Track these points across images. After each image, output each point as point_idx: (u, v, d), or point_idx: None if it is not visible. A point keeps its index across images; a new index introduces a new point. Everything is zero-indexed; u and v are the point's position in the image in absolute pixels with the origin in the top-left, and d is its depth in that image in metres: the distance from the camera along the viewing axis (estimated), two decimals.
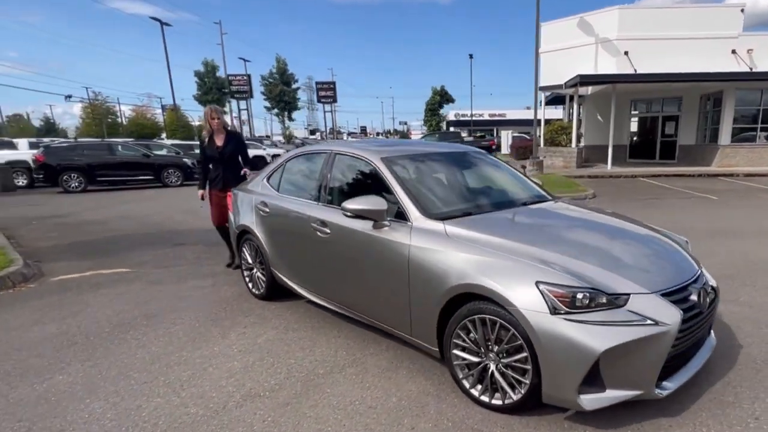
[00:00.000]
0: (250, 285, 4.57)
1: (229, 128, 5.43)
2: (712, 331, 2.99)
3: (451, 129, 50.55)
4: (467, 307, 2.56)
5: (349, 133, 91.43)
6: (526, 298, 2.33)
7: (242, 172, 5.30)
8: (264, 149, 25.54)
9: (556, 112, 33.17)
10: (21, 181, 16.70)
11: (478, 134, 40.11)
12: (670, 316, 2.35)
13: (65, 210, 10.94)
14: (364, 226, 3.13)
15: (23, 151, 18.53)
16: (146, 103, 63.64)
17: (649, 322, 2.31)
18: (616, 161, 19.07)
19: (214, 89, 48.22)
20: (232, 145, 5.23)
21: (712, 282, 2.90)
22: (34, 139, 24.35)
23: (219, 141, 5.20)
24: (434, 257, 2.72)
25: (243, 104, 47.68)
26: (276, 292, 4.32)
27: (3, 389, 2.94)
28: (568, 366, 2.25)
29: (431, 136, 26.79)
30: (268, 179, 4.42)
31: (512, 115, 58.81)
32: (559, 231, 3.03)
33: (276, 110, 52.78)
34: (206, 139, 5.22)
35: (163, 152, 19.31)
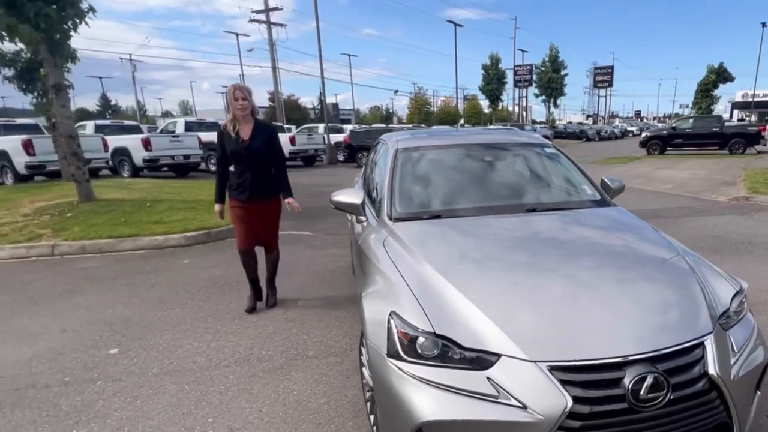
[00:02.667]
0: None
1: (259, 116, 3.72)
2: None
3: (714, 113, 40.53)
4: None
5: (624, 118, 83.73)
6: (372, 327, 1.92)
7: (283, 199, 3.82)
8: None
9: None
10: (341, 156, 20.24)
11: (742, 119, 30.65)
12: (550, 401, 1.51)
13: (336, 180, 12.81)
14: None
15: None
16: (451, 95, 72.15)
17: (512, 401, 1.52)
18: None
19: (495, 80, 50.44)
20: (262, 138, 3.57)
21: (716, 370, 1.63)
22: (353, 126, 28.70)
23: (245, 133, 3.54)
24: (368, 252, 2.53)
25: (509, 95, 50.40)
26: None
27: (170, 306, 3.94)
28: (395, 426, 1.72)
29: (684, 121, 21.95)
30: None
31: None
32: (515, 253, 2.26)
33: (543, 97, 52.06)
34: (228, 130, 3.53)
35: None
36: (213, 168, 16.76)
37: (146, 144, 14.40)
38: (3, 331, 3.54)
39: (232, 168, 3.66)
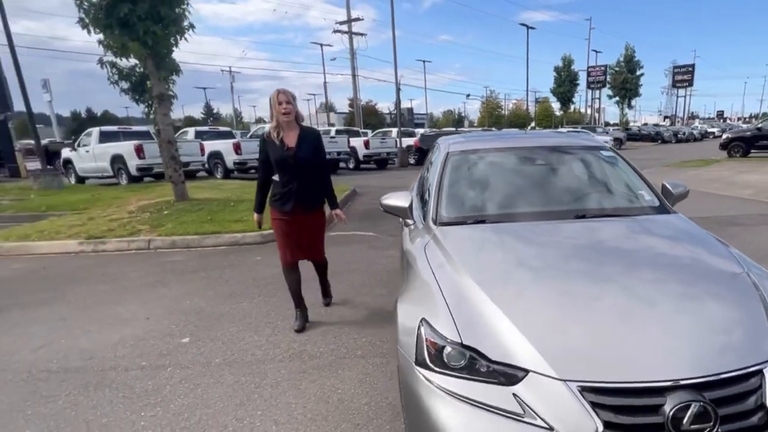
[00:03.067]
0: None
1: (303, 122, 3.46)
2: None
3: None
4: None
5: (704, 119, 76.77)
6: (403, 333, 1.86)
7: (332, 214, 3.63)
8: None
9: None
10: (411, 159, 20.70)
11: None
12: (578, 425, 1.37)
13: (404, 182, 13.11)
14: None
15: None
16: (522, 98, 72.43)
17: (538, 422, 1.38)
18: None
19: (567, 81, 49.33)
20: (308, 146, 3.34)
21: None
22: (424, 130, 29.98)
23: (290, 140, 3.31)
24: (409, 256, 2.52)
25: (579, 96, 49.37)
26: None
27: (239, 300, 4.21)
28: None
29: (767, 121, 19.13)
30: None
31: None
32: (558, 261, 2.09)
33: (617, 98, 49.63)
34: (272, 137, 3.31)
35: None
36: None
37: (236, 148, 15.50)
38: (99, 317, 3.97)
39: (275, 177, 3.41)
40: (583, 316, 1.68)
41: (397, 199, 2.86)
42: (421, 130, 27.03)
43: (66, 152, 16.32)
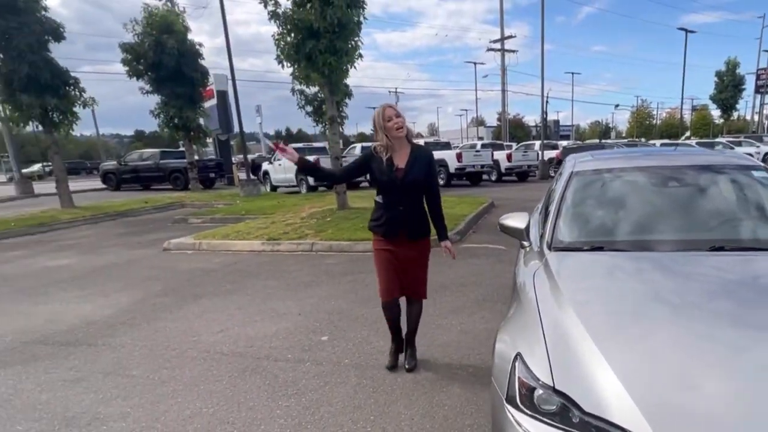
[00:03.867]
0: None
1: (413, 140, 3.08)
2: None
3: None
4: None
5: None
6: (497, 366, 1.73)
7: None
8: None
9: None
10: (552, 172, 19.65)
11: None
12: None
13: (540, 195, 12.38)
14: None
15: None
16: (677, 106, 64.80)
17: None
18: None
19: (730, 87, 42.49)
20: (420, 167, 2.92)
21: None
22: (567, 142, 28.56)
23: (400, 160, 2.91)
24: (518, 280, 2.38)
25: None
26: None
27: (375, 305, 4.50)
28: None
29: None
30: None
31: None
32: (682, 301, 1.75)
33: None
34: (380, 154, 2.93)
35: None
36: (442, 182, 18.46)
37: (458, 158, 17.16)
38: (264, 309, 4.63)
39: (378, 198, 3.04)
40: (706, 373, 1.35)
41: (515, 220, 2.73)
42: (564, 143, 26.45)
43: (265, 165, 19.52)
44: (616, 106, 66.42)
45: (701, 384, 1.31)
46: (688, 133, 46.42)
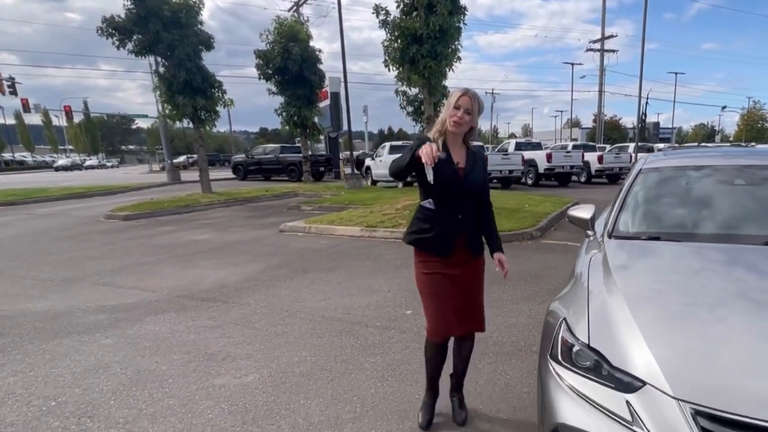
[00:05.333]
0: None
1: (473, 141, 2.32)
2: None
3: None
4: None
5: None
6: (547, 328, 1.97)
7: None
8: None
9: None
10: None
11: None
12: None
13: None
14: None
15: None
16: None
17: (637, 430, 1.31)
18: None
19: None
20: (480, 169, 2.29)
21: None
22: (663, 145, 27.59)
23: (458, 156, 2.21)
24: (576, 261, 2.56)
25: None
26: None
27: None
28: (542, 415, 1.75)
29: None
30: None
31: None
32: (721, 285, 1.87)
33: None
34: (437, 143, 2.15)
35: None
36: (530, 182, 17.97)
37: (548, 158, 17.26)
38: (360, 284, 5.16)
39: (427, 203, 2.24)
40: (730, 341, 1.50)
41: (581, 211, 2.84)
42: (661, 145, 25.07)
43: (367, 161, 20.55)
44: (723, 107, 58.33)
45: (697, 346, 1.49)
46: None
